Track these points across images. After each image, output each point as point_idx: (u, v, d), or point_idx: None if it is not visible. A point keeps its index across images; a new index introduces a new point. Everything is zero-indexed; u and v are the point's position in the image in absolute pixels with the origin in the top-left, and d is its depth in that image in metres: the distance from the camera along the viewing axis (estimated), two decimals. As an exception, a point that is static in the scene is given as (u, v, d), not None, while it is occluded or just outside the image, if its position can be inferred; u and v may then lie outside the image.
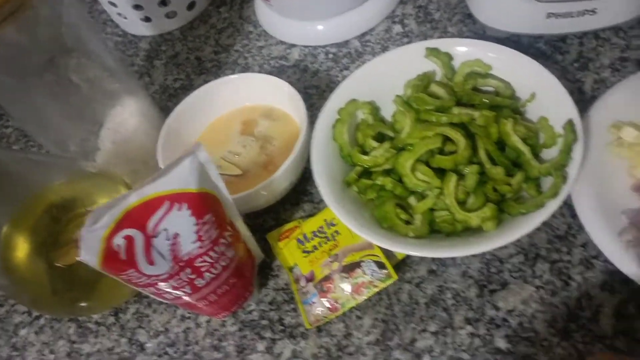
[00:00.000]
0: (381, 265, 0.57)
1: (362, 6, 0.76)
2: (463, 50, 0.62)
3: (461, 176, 0.56)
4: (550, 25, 0.66)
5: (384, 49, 0.75)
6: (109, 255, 0.46)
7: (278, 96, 0.67)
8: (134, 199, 0.45)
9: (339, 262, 0.58)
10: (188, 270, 0.51)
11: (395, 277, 0.56)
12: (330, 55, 0.76)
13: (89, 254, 0.45)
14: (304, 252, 0.61)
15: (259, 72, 0.78)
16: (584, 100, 0.63)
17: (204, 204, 0.49)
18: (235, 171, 0.64)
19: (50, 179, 0.58)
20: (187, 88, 0.79)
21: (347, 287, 0.57)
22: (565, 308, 0.54)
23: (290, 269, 0.61)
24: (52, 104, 0.63)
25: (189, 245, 0.49)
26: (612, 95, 0.61)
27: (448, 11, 0.75)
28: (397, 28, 0.76)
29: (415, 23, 0.76)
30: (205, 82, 0.76)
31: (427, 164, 0.57)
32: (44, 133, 0.67)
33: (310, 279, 0.59)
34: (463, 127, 0.57)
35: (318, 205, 0.65)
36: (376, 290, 0.57)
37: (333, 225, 0.60)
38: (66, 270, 0.56)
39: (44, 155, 0.73)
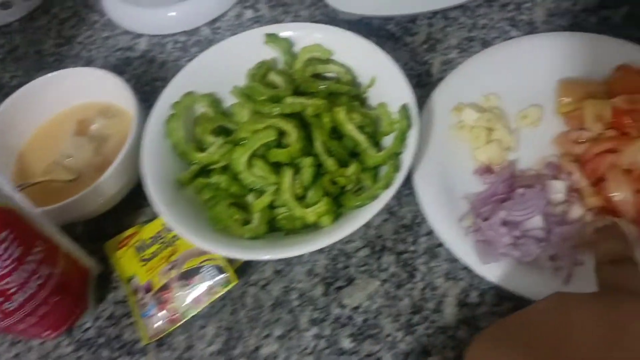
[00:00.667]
0: (221, 270, 0.53)
1: (213, -10, 0.71)
2: (303, 34, 0.59)
3: (299, 170, 0.53)
4: (399, 6, 0.64)
5: (235, 34, 0.70)
6: None
7: (113, 91, 0.62)
8: None
9: (178, 269, 0.54)
10: (-10, 293, 0.46)
11: (235, 281, 0.53)
12: (179, 45, 0.71)
13: None
14: (143, 260, 0.56)
15: (103, 65, 0.72)
16: (431, 83, 0.61)
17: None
18: (68, 176, 0.59)
19: None
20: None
21: (186, 295, 0.53)
22: (410, 300, 0.52)
23: (129, 280, 0.56)
24: None
25: (-16, 266, 0.44)
26: (454, 77, 0.59)
27: (300, -6, 0.72)
28: (249, 13, 0.72)
29: (267, 7, 0.72)
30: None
31: (265, 159, 0.54)
32: None
33: (148, 289, 0.55)
34: (300, 117, 0.54)
35: (160, 208, 0.61)
36: (217, 296, 0.53)
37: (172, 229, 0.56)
38: None
39: None
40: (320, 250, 0.56)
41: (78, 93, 0.64)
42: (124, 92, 0.60)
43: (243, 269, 0.56)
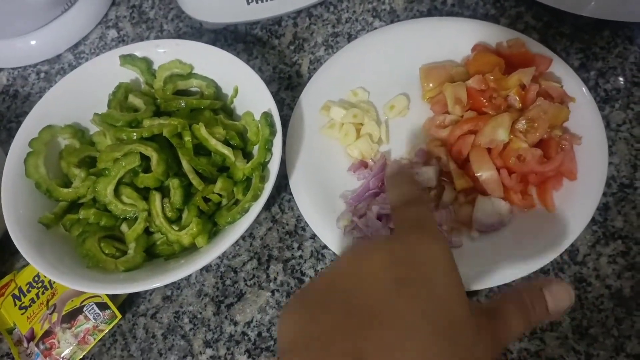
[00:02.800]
0: (104, 306, 0.52)
1: (69, 12, 0.68)
2: (161, 51, 0.57)
3: (169, 192, 0.51)
4: (261, 10, 0.63)
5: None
6: None
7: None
8: None
9: (59, 313, 0.52)
10: None
11: (119, 316, 0.51)
12: (42, 75, 0.68)
13: None
14: (21, 308, 0.54)
15: (-37, 106, 0.68)
16: (302, 84, 0.61)
17: None
18: None
19: None
20: None
21: (71, 338, 0.51)
22: (300, 307, 0.52)
23: (10, 332, 0.54)
24: None
25: None
26: (321, 76, 0.59)
27: (163, 8, 0.70)
28: (112, 33, 0.69)
29: (130, 25, 0.69)
30: None
31: (134, 186, 0.52)
32: None
33: (30, 338, 0.52)
34: (164, 139, 0.52)
35: (38, 250, 0.58)
36: (103, 334, 0.51)
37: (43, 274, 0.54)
38: None
39: None
40: (207, 269, 0.55)
41: None
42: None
43: (130, 299, 0.54)
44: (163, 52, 0.57)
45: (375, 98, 0.59)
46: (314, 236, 0.55)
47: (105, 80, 0.57)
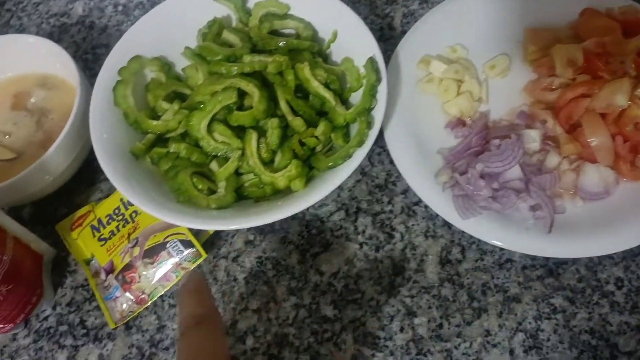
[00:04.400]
0: (188, 244, 0.50)
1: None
2: (259, -14, 0.55)
3: (264, 133, 0.49)
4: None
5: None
6: None
7: (51, 61, 0.56)
8: None
9: (141, 247, 0.51)
10: None
11: (204, 255, 0.50)
12: (120, 8, 0.66)
13: None
14: (101, 239, 0.52)
15: (37, 33, 0.66)
16: (394, 37, 0.59)
17: None
18: (7, 155, 0.53)
19: None
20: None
21: (152, 274, 0.50)
22: (390, 262, 0.50)
23: (87, 262, 0.52)
24: None
25: None
26: (418, 30, 0.57)
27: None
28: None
29: (214, -37, 0.67)
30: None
31: (227, 123, 0.50)
32: None
33: (109, 271, 0.51)
34: (261, 76, 0.50)
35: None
36: (185, 272, 0.50)
37: (131, 204, 0.52)
38: None
39: None
40: (293, 217, 0.53)
41: (12, 64, 0.58)
42: (63, 61, 0.54)
43: (211, 241, 0.53)
44: (258, -11, 0.55)
45: (474, 57, 0.56)
46: (405, 192, 0.53)
47: (194, 16, 0.55)
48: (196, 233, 0.51)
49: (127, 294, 0.50)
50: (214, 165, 0.51)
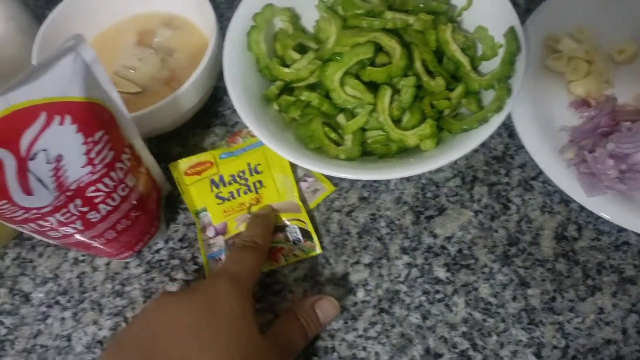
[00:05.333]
0: (306, 234, 0.50)
1: None
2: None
3: (395, 90, 0.50)
4: None
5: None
6: (-29, 183, 0.36)
7: (178, 1, 0.57)
8: (-2, 109, 0.35)
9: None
10: (78, 201, 0.42)
11: (320, 250, 0.50)
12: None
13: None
14: (218, 197, 0.52)
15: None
16: (519, 14, 0.58)
17: (93, 117, 0.39)
18: (132, 88, 0.54)
19: None
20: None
21: None
22: (505, 232, 0.50)
23: (197, 214, 0.52)
24: None
25: (77, 171, 0.40)
26: (546, 7, 0.56)
27: None
28: None
29: None
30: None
31: (357, 78, 0.50)
32: None
33: (221, 232, 0.51)
34: (396, 34, 0.50)
35: (232, 129, 0.57)
36: (295, 260, 0.50)
37: (257, 172, 0.52)
38: None
39: None
40: (408, 179, 0.53)
41: (138, 2, 0.58)
42: (197, 2, 0.55)
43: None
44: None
45: (601, 39, 0.56)
46: (522, 166, 0.53)
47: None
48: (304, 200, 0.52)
49: None
50: (340, 118, 0.51)
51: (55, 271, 0.52)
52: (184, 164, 0.53)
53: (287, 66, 0.52)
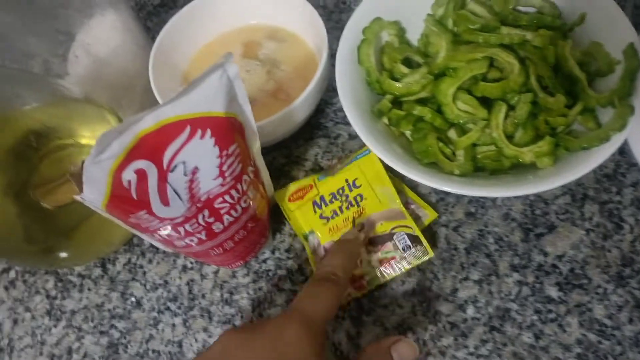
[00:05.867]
0: (415, 240, 0.50)
1: None
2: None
3: (509, 106, 0.49)
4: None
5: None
6: (118, 193, 0.37)
7: (284, 14, 0.58)
8: (149, 122, 0.36)
9: (366, 234, 0.51)
10: (206, 212, 0.43)
11: (431, 253, 0.49)
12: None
13: (93, 192, 0.36)
14: (322, 217, 0.52)
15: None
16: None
17: (229, 131, 0.40)
18: (241, 100, 0.55)
19: (23, 100, 0.47)
20: (170, 5, 0.69)
21: (375, 262, 0.50)
22: (619, 252, 0.49)
23: (306, 237, 0.52)
24: (4, 12, 0.50)
25: (209, 183, 0.41)
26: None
27: None
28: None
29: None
30: (192, -1, 0.66)
31: (469, 93, 0.50)
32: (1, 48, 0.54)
33: None
34: (511, 50, 0.50)
35: (335, 141, 0.58)
36: (409, 267, 0.50)
37: (356, 187, 0.52)
38: (43, 213, 0.46)
39: (12, 69, 0.60)
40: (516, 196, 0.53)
41: (245, 13, 0.60)
42: (302, 15, 0.56)
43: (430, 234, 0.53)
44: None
45: None
46: (635, 184, 0.52)
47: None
48: (420, 223, 0.51)
49: None
50: (451, 133, 0.51)
51: (165, 277, 0.53)
52: (286, 192, 0.54)
53: (396, 80, 0.53)
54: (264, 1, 0.58)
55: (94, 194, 0.36)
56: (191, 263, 0.54)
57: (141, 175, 0.37)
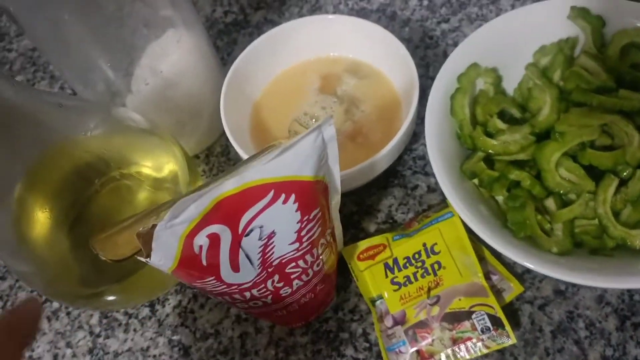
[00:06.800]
0: (497, 322, 0.44)
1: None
2: (620, 13, 0.49)
3: (620, 180, 0.44)
4: None
5: (494, 0, 0.61)
6: (187, 259, 0.33)
7: (370, 48, 0.53)
8: (231, 186, 0.32)
9: (441, 308, 0.45)
10: (276, 277, 0.38)
11: (514, 340, 0.44)
12: (425, 2, 0.62)
13: (161, 258, 0.32)
14: (394, 282, 0.47)
15: (333, 12, 0.63)
16: None
17: (314, 196, 0.36)
18: (315, 140, 0.51)
19: (83, 128, 0.43)
20: (242, 25, 0.64)
21: (448, 341, 0.45)
22: None
23: (373, 302, 0.47)
24: (75, 18, 0.46)
25: (284, 247, 0.37)
26: None
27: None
28: (511, -25, 0.62)
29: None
30: (265, 19, 0.63)
31: (574, 159, 0.45)
32: (64, 59, 0.50)
33: (399, 322, 0.46)
34: (628, 116, 0.44)
35: (412, 193, 0.53)
36: (486, 351, 0.44)
37: (434, 253, 0.47)
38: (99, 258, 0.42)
39: (68, 97, 0.57)
40: (614, 276, 0.47)
41: (327, 44, 0.55)
42: (390, 52, 0.51)
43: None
44: (622, 13, 0.49)
45: None
46: None
47: (535, 30, 0.51)
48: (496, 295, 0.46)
49: (413, 351, 0.45)
50: (549, 202, 0.45)
51: (217, 327, 0.49)
52: (356, 249, 0.49)
53: (490, 135, 0.48)
54: (349, 32, 0.54)
55: (162, 260, 0.32)
56: (245, 314, 0.49)
57: (214, 240, 0.33)
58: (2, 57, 0.69)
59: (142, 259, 0.33)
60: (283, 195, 0.34)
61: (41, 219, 0.42)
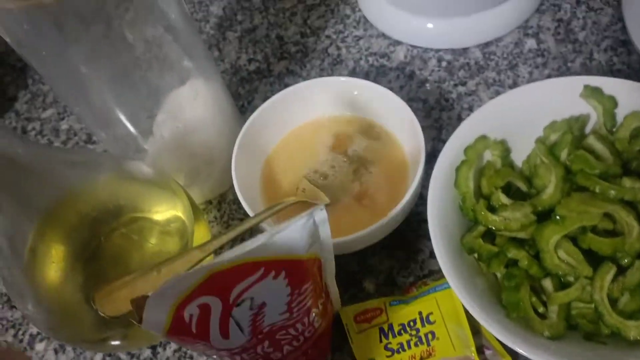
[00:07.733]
0: None
1: (491, 9, 0.62)
2: (633, 95, 0.49)
3: (619, 267, 0.44)
4: None
5: (512, 66, 0.61)
6: (177, 326, 0.34)
7: (382, 111, 0.55)
8: (222, 262, 0.33)
9: None
10: (266, 343, 0.40)
11: None
12: (444, 64, 0.63)
13: (152, 325, 0.34)
14: (387, 349, 0.47)
15: (354, 67, 0.65)
16: None
17: (305, 272, 0.37)
18: (322, 199, 0.52)
19: (86, 182, 0.46)
20: (264, 74, 0.66)
21: None
22: None
23: None
24: (97, 66, 0.48)
25: (274, 317, 0.38)
26: None
27: (596, 33, 0.61)
28: (531, 43, 0.62)
29: (553, 40, 0.62)
30: (287, 70, 0.64)
31: (574, 242, 0.45)
32: (84, 105, 0.53)
33: None
34: (631, 206, 0.44)
35: (415, 257, 0.53)
36: None
37: (430, 322, 0.47)
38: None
39: (79, 152, 0.60)
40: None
41: (340, 103, 0.56)
42: (402, 118, 0.52)
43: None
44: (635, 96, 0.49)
45: None
46: None
47: (546, 105, 0.51)
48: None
49: None
50: (546, 282, 0.46)
51: (214, 374, 0.51)
52: (353, 310, 0.49)
53: (493, 208, 0.48)
54: (362, 94, 0.55)
55: (153, 328, 0.34)
56: (243, 365, 0.51)
57: (204, 309, 0.35)
58: (37, 90, 0.72)
59: (136, 324, 0.34)
60: (273, 272, 0.35)
61: (51, 269, 0.44)
